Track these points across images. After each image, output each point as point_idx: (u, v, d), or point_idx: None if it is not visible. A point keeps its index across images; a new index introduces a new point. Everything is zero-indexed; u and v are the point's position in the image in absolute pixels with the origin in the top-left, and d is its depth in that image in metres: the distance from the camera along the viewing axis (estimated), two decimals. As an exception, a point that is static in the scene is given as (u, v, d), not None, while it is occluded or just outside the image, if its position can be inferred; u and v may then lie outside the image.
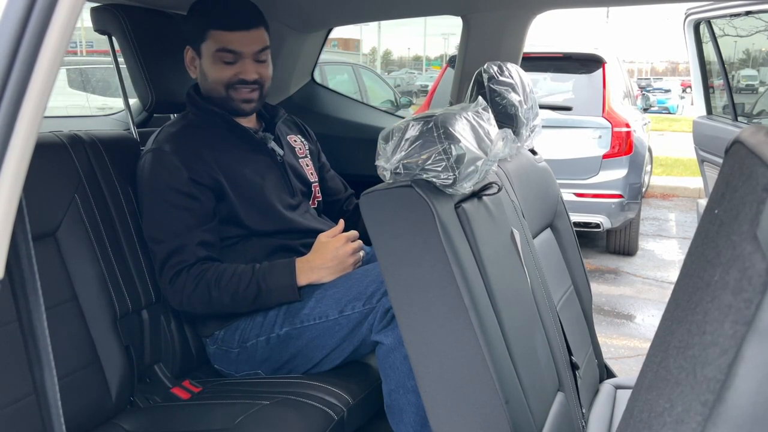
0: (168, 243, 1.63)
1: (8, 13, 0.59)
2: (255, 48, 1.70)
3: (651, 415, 0.55)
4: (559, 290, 1.82)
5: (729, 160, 0.63)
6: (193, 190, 1.64)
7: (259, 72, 1.72)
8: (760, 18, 3.59)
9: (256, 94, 1.74)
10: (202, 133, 1.74)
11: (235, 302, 1.62)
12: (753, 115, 4.20)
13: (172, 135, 1.71)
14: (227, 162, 1.70)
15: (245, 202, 1.70)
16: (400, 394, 1.47)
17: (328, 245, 1.64)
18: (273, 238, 1.73)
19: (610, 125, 4.87)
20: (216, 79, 1.71)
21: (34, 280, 0.73)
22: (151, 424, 1.51)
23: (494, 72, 1.71)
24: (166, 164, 1.65)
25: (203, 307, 1.64)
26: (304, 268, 1.62)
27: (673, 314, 0.62)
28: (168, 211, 1.64)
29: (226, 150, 1.73)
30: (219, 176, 1.68)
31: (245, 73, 1.70)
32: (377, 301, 1.54)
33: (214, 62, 1.70)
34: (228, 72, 1.70)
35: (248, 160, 1.75)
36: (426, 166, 1.16)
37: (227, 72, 1.70)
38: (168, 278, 1.63)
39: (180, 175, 1.63)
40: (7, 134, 0.60)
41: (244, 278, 1.61)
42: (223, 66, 1.70)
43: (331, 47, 30.86)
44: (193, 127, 1.75)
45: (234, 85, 1.71)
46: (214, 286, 1.60)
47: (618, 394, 1.89)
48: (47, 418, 0.77)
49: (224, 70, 1.70)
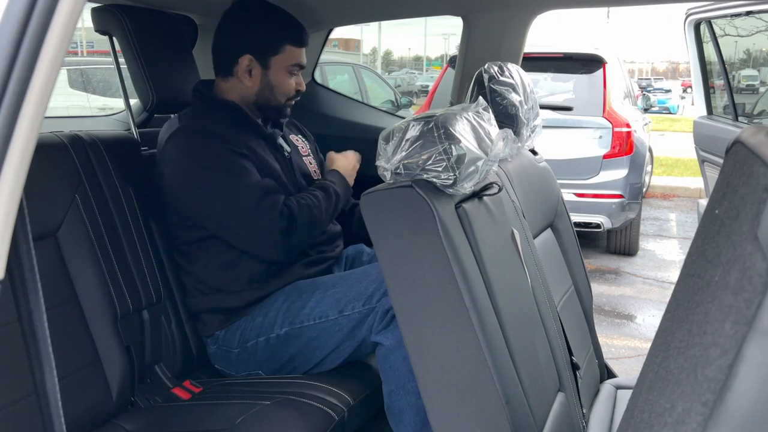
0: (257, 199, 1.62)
1: (9, 14, 0.59)
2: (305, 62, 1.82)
3: (652, 416, 0.55)
4: (559, 290, 1.81)
5: (729, 160, 0.63)
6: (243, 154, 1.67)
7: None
8: (760, 18, 3.59)
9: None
10: (218, 124, 1.72)
11: (329, 215, 1.75)
12: (753, 115, 4.20)
13: (191, 117, 1.73)
14: (249, 146, 1.71)
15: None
16: (400, 395, 1.48)
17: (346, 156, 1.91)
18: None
19: (610, 125, 4.87)
20: (285, 91, 1.79)
21: (35, 280, 0.73)
22: (151, 425, 1.51)
23: (495, 72, 1.71)
24: (208, 136, 1.66)
25: (311, 230, 1.71)
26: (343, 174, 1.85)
27: (673, 314, 0.62)
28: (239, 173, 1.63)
29: (245, 137, 1.72)
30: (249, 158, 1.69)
31: (301, 84, 1.82)
32: (377, 301, 1.54)
33: (285, 75, 1.77)
34: (292, 84, 1.80)
35: (263, 148, 1.76)
36: (426, 166, 1.16)
37: (292, 84, 1.79)
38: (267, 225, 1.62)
39: (223, 145, 1.64)
40: (8, 134, 0.60)
41: (321, 193, 1.74)
42: (290, 78, 1.79)
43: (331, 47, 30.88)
44: (206, 118, 1.74)
45: (294, 97, 1.82)
46: (315, 207, 1.69)
47: (618, 395, 1.89)
48: (48, 419, 0.77)
49: (290, 82, 1.79)
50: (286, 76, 1.77)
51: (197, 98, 1.79)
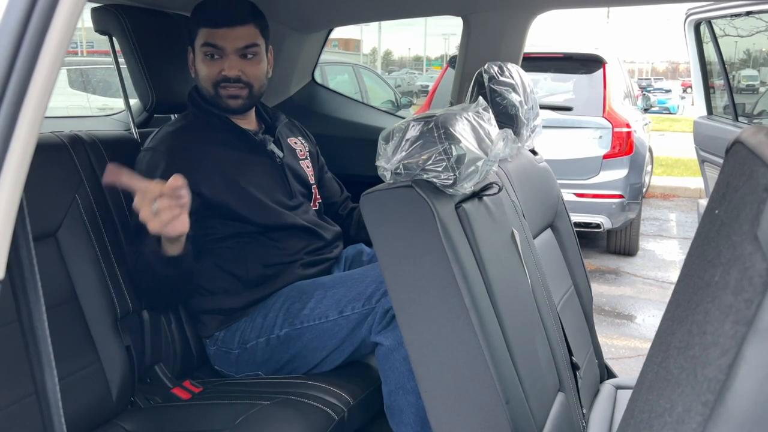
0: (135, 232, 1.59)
1: (9, 14, 0.60)
2: (238, 44, 1.69)
3: (651, 416, 0.55)
4: (559, 290, 1.81)
5: (729, 160, 0.63)
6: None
7: (242, 69, 1.71)
8: (760, 18, 3.59)
9: (244, 92, 1.73)
10: (200, 133, 1.74)
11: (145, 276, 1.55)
12: (753, 115, 4.20)
13: (168, 134, 1.73)
14: (223, 162, 1.70)
15: (242, 201, 1.70)
16: (399, 395, 1.47)
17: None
18: (270, 238, 1.73)
19: (610, 125, 4.87)
20: (204, 75, 1.72)
21: (35, 280, 0.73)
22: (151, 425, 1.51)
23: (495, 72, 1.71)
24: (157, 164, 1.65)
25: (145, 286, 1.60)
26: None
27: (673, 314, 0.62)
28: None
29: (224, 151, 1.73)
30: (212, 177, 1.67)
31: (227, 69, 1.69)
32: (376, 301, 1.54)
33: (202, 59, 1.71)
34: (214, 69, 1.70)
35: (247, 161, 1.75)
36: (426, 166, 1.16)
37: (214, 69, 1.70)
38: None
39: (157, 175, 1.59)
40: (8, 134, 0.60)
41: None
42: (209, 62, 1.70)
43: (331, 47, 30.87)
44: (191, 127, 1.75)
45: (220, 83, 1.71)
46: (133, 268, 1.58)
47: (618, 395, 1.89)
48: (48, 419, 0.77)
49: (211, 66, 1.70)
50: (204, 60, 1.70)
51: (191, 104, 1.80)
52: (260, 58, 1.74)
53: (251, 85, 1.73)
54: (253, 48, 1.71)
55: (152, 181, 1.31)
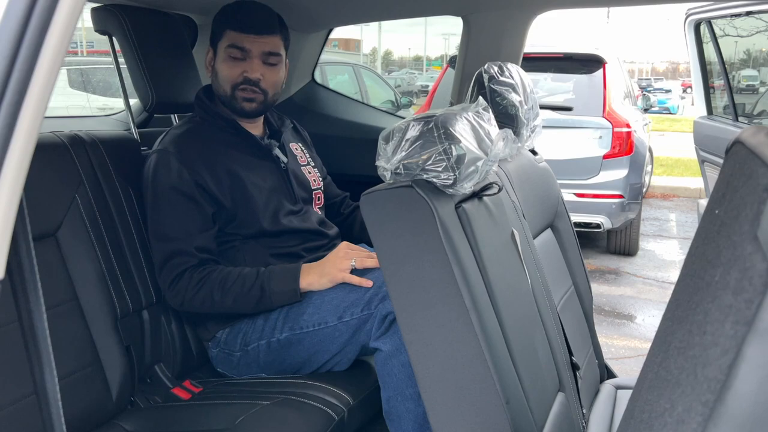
0: (169, 244, 1.63)
1: (9, 14, 0.59)
2: (263, 49, 1.73)
3: (652, 416, 0.55)
4: (559, 290, 1.81)
5: (729, 160, 0.63)
6: (195, 194, 1.65)
7: (264, 74, 1.74)
8: (760, 18, 3.59)
9: (260, 97, 1.76)
10: (208, 136, 1.75)
11: (237, 304, 1.62)
12: (754, 115, 4.20)
13: (177, 137, 1.73)
14: (231, 166, 1.71)
15: (247, 206, 1.70)
16: (398, 401, 1.47)
17: (335, 254, 1.62)
18: (274, 242, 1.74)
19: (610, 125, 4.87)
20: (224, 75, 1.74)
21: (35, 280, 0.73)
22: (151, 425, 1.51)
23: (495, 72, 1.71)
24: (169, 166, 1.66)
25: (205, 309, 1.65)
26: (307, 271, 1.63)
27: (673, 314, 0.62)
28: (170, 212, 1.65)
29: (231, 154, 1.74)
30: (222, 180, 1.69)
31: (250, 71, 1.72)
32: (375, 306, 1.54)
33: (225, 59, 1.73)
34: (236, 70, 1.73)
35: (252, 165, 1.76)
36: (426, 166, 1.16)
37: (236, 70, 1.73)
38: (169, 279, 1.63)
39: (183, 178, 1.65)
40: (8, 134, 0.60)
41: (248, 280, 1.61)
42: (232, 63, 1.73)
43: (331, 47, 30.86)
44: (199, 130, 1.76)
45: (240, 85, 1.73)
46: (218, 288, 1.61)
47: (618, 395, 1.89)
48: (48, 419, 0.77)
49: (233, 68, 1.73)
50: (227, 61, 1.73)
51: (198, 106, 1.81)
52: (280, 67, 1.79)
53: (267, 91, 1.76)
54: (276, 56, 1.76)
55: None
